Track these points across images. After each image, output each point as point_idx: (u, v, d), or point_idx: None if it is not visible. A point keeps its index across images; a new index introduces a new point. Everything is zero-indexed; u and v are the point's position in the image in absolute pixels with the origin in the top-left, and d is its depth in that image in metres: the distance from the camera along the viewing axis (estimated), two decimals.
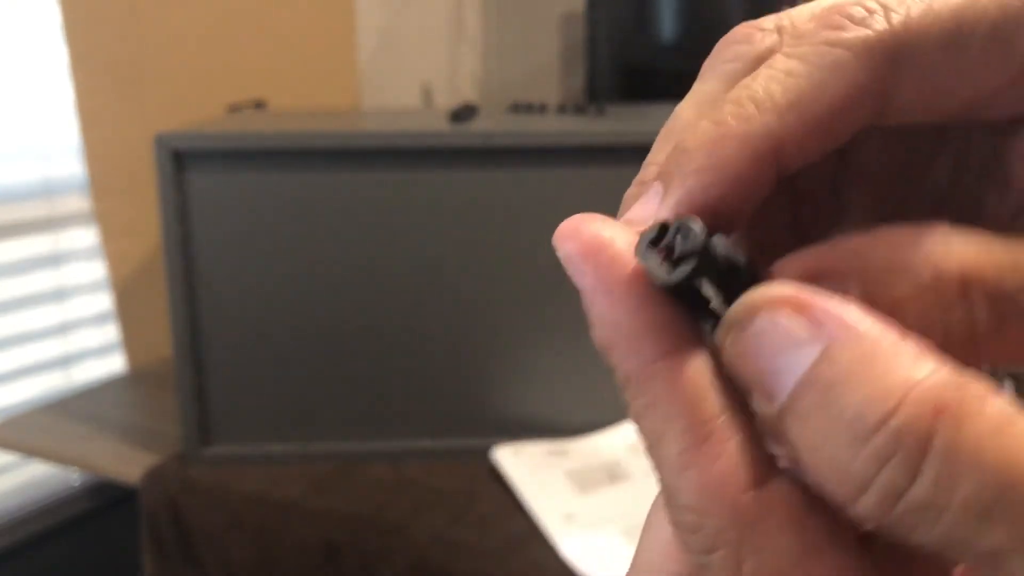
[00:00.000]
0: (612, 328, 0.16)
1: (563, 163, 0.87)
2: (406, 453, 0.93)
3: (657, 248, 0.15)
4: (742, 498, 0.14)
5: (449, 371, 0.92)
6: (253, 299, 0.89)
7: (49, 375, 1.24)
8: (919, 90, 0.16)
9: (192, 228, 0.87)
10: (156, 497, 0.91)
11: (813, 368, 0.13)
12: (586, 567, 0.74)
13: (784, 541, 0.14)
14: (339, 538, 0.83)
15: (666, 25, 1.54)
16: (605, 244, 0.16)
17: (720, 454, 0.14)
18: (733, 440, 0.14)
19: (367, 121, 1.05)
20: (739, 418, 0.15)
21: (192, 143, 0.85)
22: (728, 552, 0.14)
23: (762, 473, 0.14)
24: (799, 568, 0.14)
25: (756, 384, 0.14)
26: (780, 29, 0.17)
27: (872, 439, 0.13)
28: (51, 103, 1.18)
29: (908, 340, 0.13)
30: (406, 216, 0.88)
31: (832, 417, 0.13)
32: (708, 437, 0.14)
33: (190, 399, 0.89)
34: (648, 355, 0.15)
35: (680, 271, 0.15)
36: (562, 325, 0.91)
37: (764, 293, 0.14)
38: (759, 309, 0.14)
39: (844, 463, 0.13)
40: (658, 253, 0.15)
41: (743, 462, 0.14)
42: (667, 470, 0.15)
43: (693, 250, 0.15)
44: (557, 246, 0.16)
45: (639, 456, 0.90)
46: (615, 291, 0.15)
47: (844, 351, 0.13)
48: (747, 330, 0.14)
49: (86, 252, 1.25)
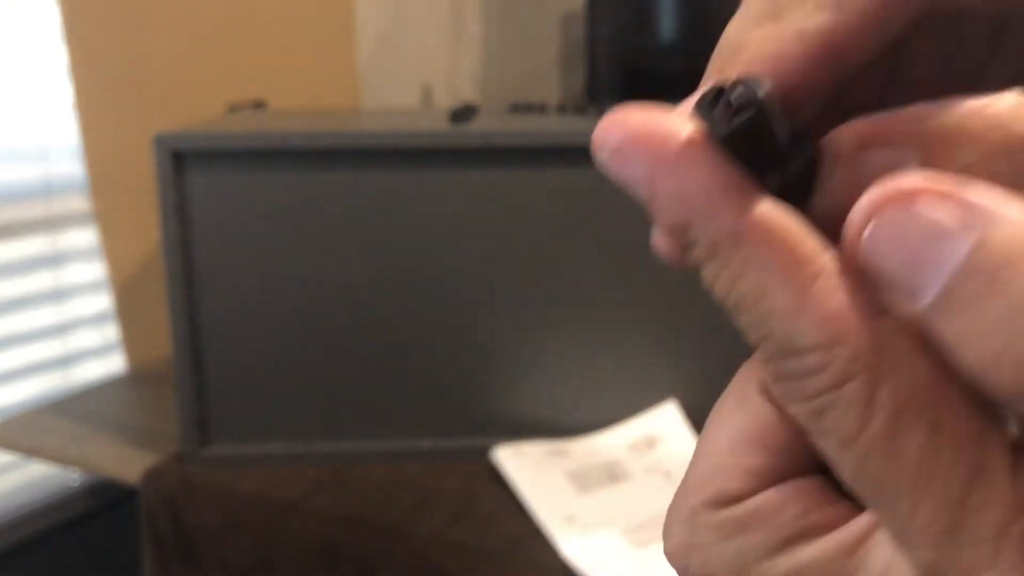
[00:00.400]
0: (685, 202, 0.15)
1: (563, 163, 0.87)
2: (406, 453, 0.93)
3: (714, 109, 0.15)
4: (873, 322, 0.14)
5: (449, 371, 0.92)
6: (253, 299, 0.89)
7: (49, 375, 1.24)
8: None
9: (192, 228, 0.87)
10: (156, 497, 0.91)
11: (972, 256, 0.13)
12: (586, 567, 0.74)
13: (919, 362, 0.14)
14: (339, 538, 0.83)
15: (666, 25, 1.54)
16: (658, 123, 0.15)
17: (837, 287, 0.14)
18: (844, 274, 0.14)
19: (367, 121, 1.05)
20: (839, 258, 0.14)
21: (192, 143, 0.85)
22: (863, 378, 0.14)
23: (879, 304, 0.14)
24: (933, 390, 0.14)
25: (896, 279, 0.14)
26: None
27: None
28: (51, 103, 1.18)
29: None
30: (406, 216, 0.88)
31: (1003, 303, 0.12)
32: (820, 274, 0.14)
33: (190, 399, 0.89)
34: (735, 212, 0.14)
35: (740, 118, 0.14)
36: (562, 325, 0.91)
37: (897, 184, 0.14)
38: (893, 200, 0.14)
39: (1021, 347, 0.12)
40: (716, 112, 0.15)
41: (862, 291, 0.14)
42: (779, 320, 0.14)
43: (751, 99, 0.14)
44: (599, 146, 0.16)
45: (639, 456, 0.90)
46: (682, 161, 0.15)
47: (1001, 235, 0.13)
48: (884, 221, 0.14)
49: (86, 252, 1.25)
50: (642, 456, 0.90)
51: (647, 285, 0.89)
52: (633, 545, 0.77)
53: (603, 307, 0.90)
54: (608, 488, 0.86)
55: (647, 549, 0.77)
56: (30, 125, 1.19)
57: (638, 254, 0.90)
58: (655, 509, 0.82)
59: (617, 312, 0.90)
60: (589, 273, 0.90)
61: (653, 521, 0.80)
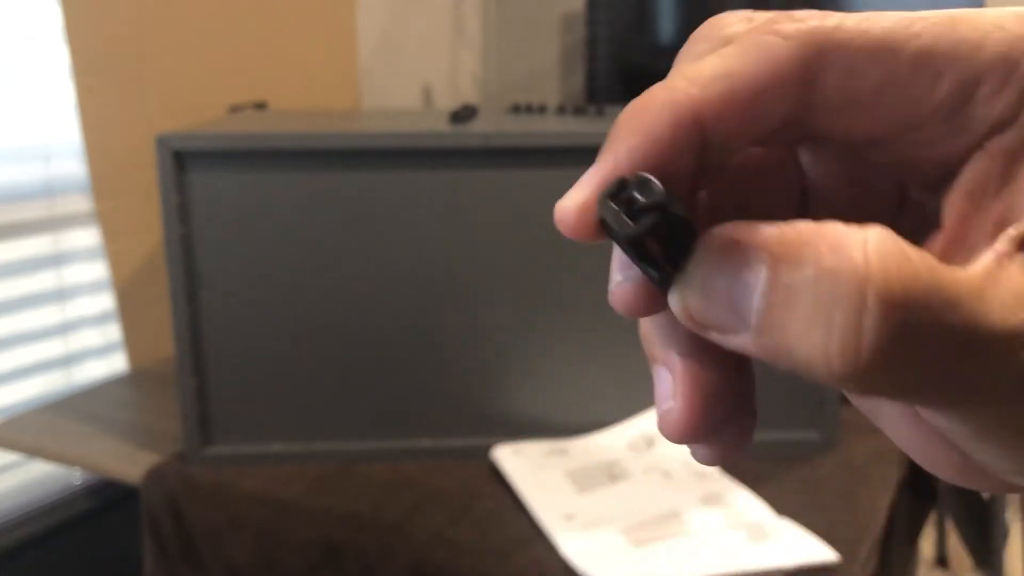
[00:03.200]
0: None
1: (563, 163, 0.87)
2: (406, 453, 0.93)
3: (615, 201, 0.16)
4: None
5: (449, 371, 0.92)
6: (254, 299, 0.89)
7: (51, 375, 1.25)
8: (844, 90, 0.17)
9: (193, 228, 0.87)
10: (157, 496, 0.91)
11: (767, 283, 0.15)
12: (586, 566, 0.74)
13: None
14: (339, 538, 0.83)
15: (666, 26, 1.54)
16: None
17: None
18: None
19: (367, 122, 1.05)
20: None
21: (193, 144, 0.85)
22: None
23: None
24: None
25: (724, 319, 0.16)
26: (750, 18, 0.18)
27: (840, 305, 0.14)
28: (53, 104, 1.19)
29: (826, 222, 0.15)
30: (406, 216, 0.88)
31: (803, 307, 0.15)
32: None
33: (191, 399, 0.90)
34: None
35: (643, 223, 0.16)
36: (562, 325, 0.91)
37: (702, 244, 0.16)
38: (703, 260, 0.16)
39: (822, 338, 0.14)
40: (616, 206, 0.16)
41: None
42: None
43: (655, 204, 0.16)
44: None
45: (638, 455, 0.91)
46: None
47: (788, 254, 0.15)
48: (697, 280, 0.16)
49: (87, 252, 1.26)
50: (641, 455, 0.90)
51: None
52: (632, 544, 0.77)
53: (603, 307, 0.91)
54: (607, 487, 0.86)
55: (646, 548, 0.77)
56: (32, 126, 1.19)
57: None
58: (654, 508, 0.82)
59: (616, 312, 0.91)
60: (589, 273, 0.90)
61: (652, 520, 0.81)
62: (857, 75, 0.17)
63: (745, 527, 0.79)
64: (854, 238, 0.14)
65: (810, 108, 0.18)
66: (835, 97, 0.17)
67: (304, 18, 1.45)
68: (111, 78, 1.17)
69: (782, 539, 0.78)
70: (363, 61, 1.59)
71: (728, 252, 0.16)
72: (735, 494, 0.85)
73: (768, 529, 0.79)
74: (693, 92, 0.17)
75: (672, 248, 0.16)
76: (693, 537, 0.78)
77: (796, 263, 0.15)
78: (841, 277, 0.14)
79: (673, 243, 0.16)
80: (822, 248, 0.14)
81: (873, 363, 0.14)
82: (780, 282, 0.15)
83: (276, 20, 1.39)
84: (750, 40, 0.17)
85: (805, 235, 0.15)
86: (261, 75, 1.35)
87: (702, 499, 0.84)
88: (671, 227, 0.16)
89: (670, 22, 1.54)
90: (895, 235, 0.14)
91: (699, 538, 0.78)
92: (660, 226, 0.16)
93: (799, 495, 0.86)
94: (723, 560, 0.75)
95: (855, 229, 0.14)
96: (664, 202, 0.16)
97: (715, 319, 0.16)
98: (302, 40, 1.45)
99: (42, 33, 1.17)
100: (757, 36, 0.17)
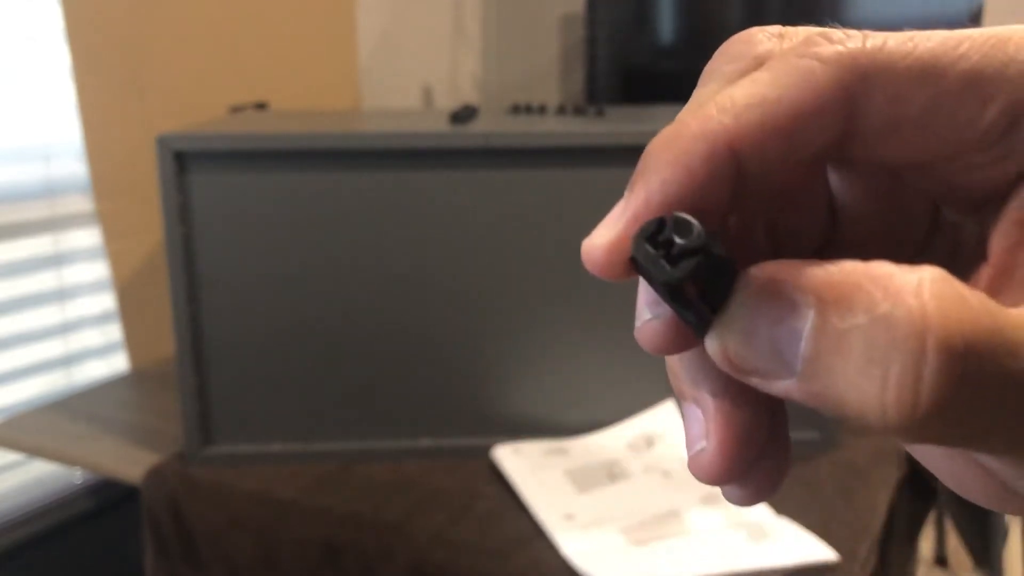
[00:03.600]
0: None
1: (562, 164, 0.87)
2: (406, 453, 0.93)
3: (651, 243, 0.15)
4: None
5: (449, 371, 0.92)
6: (254, 299, 0.90)
7: (51, 375, 1.25)
8: (887, 116, 0.16)
9: (193, 228, 0.87)
10: (157, 496, 0.92)
11: (814, 328, 0.14)
12: (586, 566, 0.75)
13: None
14: (339, 537, 0.83)
15: (666, 27, 1.54)
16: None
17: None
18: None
19: (368, 122, 1.05)
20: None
21: (193, 144, 0.85)
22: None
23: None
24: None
25: (768, 364, 0.15)
26: (782, 35, 0.18)
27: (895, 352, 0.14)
28: (54, 104, 1.19)
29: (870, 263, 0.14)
30: (406, 216, 0.89)
31: (855, 356, 0.14)
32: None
33: (191, 398, 0.90)
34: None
35: (683, 268, 0.15)
36: (562, 325, 0.91)
37: (743, 286, 0.15)
38: (744, 303, 0.15)
39: (875, 387, 0.14)
40: (653, 247, 0.15)
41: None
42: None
43: (696, 247, 0.15)
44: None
45: (638, 455, 0.91)
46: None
47: (838, 299, 0.14)
48: (738, 325, 0.15)
49: (88, 252, 1.26)
50: (641, 455, 0.91)
51: None
52: (632, 543, 0.78)
53: (603, 307, 0.91)
54: (607, 487, 0.86)
55: (646, 547, 0.77)
56: (33, 126, 1.19)
57: None
58: (654, 508, 0.83)
59: (616, 312, 0.91)
60: (588, 273, 0.90)
61: (652, 520, 0.81)
62: (901, 100, 0.16)
63: (745, 527, 0.80)
64: (908, 281, 0.14)
65: (850, 134, 0.17)
66: (877, 123, 0.17)
67: (304, 18, 1.45)
68: (112, 78, 1.17)
69: (782, 539, 0.78)
70: (363, 61, 1.59)
71: (771, 295, 0.15)
72: None
73: (768, 529, 0.79)
74: (727, 122, 0.16)
75: (711, 289, 0.16)
76: (693, 537, 0.78)
77: (847, 308, 0.14)
78: (897, 324, 0.13)
79: (711, 284, 0.16)
80: (875, 293, 0.14)
81: (931, 414, 0.13)
82: (830, 328, 0.14)
83: (276, 21, 1.40)
84: (786, 64, 0.16)
85: (854, 277, 0.14)
86: (261, 75, 1.35)
87: (702, 499, 0.84)
88: (711, 269, 0.15)
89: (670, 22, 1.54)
90: (950, 276, 0.14)
91: (699, 538, 0.78)
92: (701, 268, 0.15)
93: (799, 495, 0.86)
94: (723, 560, 0.75)
95: (908, 270, 0.14)
96: (705, 244, 0.15)
97: (757, 365, 0.15)
98: (302, 40, 1.45)
99: (43, 33, 1.17)
100: (793, 60, 0.16)
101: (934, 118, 0.16)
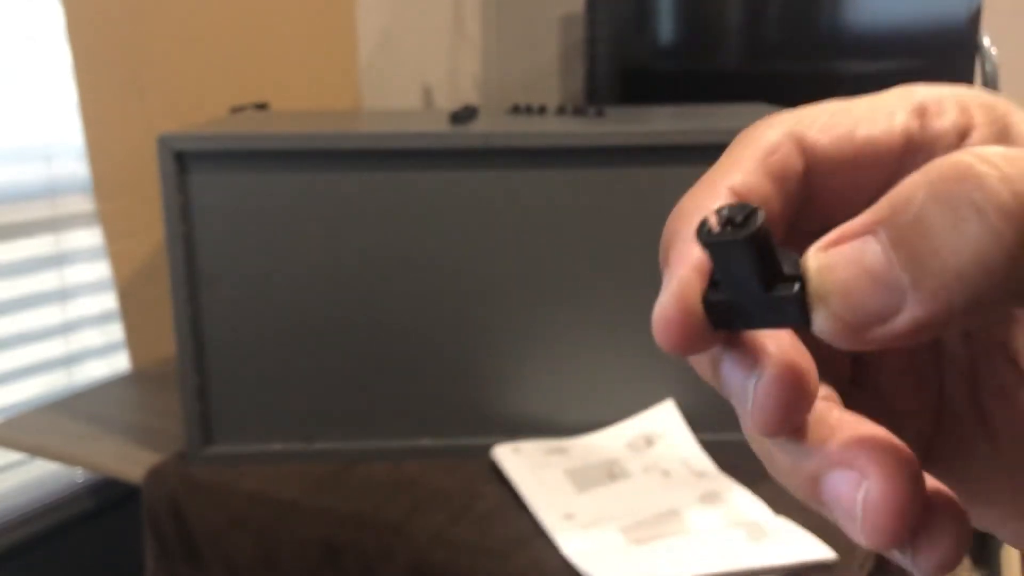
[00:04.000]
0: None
1: (562, 164, 0.88)
2: (406, 452, 0.93)
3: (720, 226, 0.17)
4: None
5: (449, 370, 0.92)
6: (255, 299, 0.90)
7: (52, 374, 1.25)
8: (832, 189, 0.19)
9: (194, 228, 0.87)
10: (158, 496, 0.92)
11: (890, 234, 0.15)
12: (586, 565, 0.75)
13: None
14: (339, 537, 0.84)
15: (665, 27, 1.54)
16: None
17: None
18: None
19: (368, 122, 1.05)
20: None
21: (194, 144, 0.85)
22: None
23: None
24: None
25: (881, 300, 0.15)
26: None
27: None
28: (55, 104, 1.19)
29: None
30: (406, 217, 0.89)
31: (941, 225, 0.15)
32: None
33: (192, 398, 0.90)
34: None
35: (755, 219, 0.16)
36: (562, 325, 0.91)
37: (812, 256, 0.16)
38: (827, 266, 0.16)
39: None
40: (724, 227, 0.17)
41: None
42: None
43: (753, 209, 0.16)
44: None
45: (638, 454, 0.91)
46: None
47: (896, 203, 0.15)
48: (831, 286, 0.16)
49: (89, 252, 1.26)
50: (641, 455, 0.91)
51: (646, 285, 0.90)
52: (632, 543, 0.78)
53: (602, 307, 0.91)
54: (607, 486, 0.86)
55: (646, 547, 0.77)
56: (34, 126, 1.19)
57: (637, 254, 0.90)
58: (654, 507, 0.83)
59: (616, 312, 0.91)
60: (589, 273, 0.90)
61: (652, 519, 0.81)
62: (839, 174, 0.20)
63: (744, 526, 0.80)
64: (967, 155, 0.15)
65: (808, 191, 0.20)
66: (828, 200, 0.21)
67: (304, 18, 1.45)
68: (113, 78, 1.18)
69: (781, 538, 0.78)
70: (363, 61, 1.59)
71: (847, 246, 0.16)
72: (734, 493, 0.85)
73: (767, 528, 0.79)
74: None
75: (770, 263, 0.16)
76: (692, 536, 0.78)
77: (907, 205, 0.15)
78: (961, 187, 0.14)
79: (770, 256, 0.16)
80: (932, 175, 0.15)
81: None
82: (902, 222, 0.15)
83: (276, 20, 1.40)
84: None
85: (909, 182, 0.15)
86: (262, 75, 1.35)
87: (701, 498, 0.84)
88: (769, 235, 0.16)
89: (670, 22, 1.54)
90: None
91: (698, 537, 0.78)
92: (766, 226, 0.16)
93: None
94: (722, 559, 0.75)
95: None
96: (758, 209, 0.16)
97: (872, 308, 0.15)
98: (302, 40, 1.45)
99: (44, 33, 1.17)
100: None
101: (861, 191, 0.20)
